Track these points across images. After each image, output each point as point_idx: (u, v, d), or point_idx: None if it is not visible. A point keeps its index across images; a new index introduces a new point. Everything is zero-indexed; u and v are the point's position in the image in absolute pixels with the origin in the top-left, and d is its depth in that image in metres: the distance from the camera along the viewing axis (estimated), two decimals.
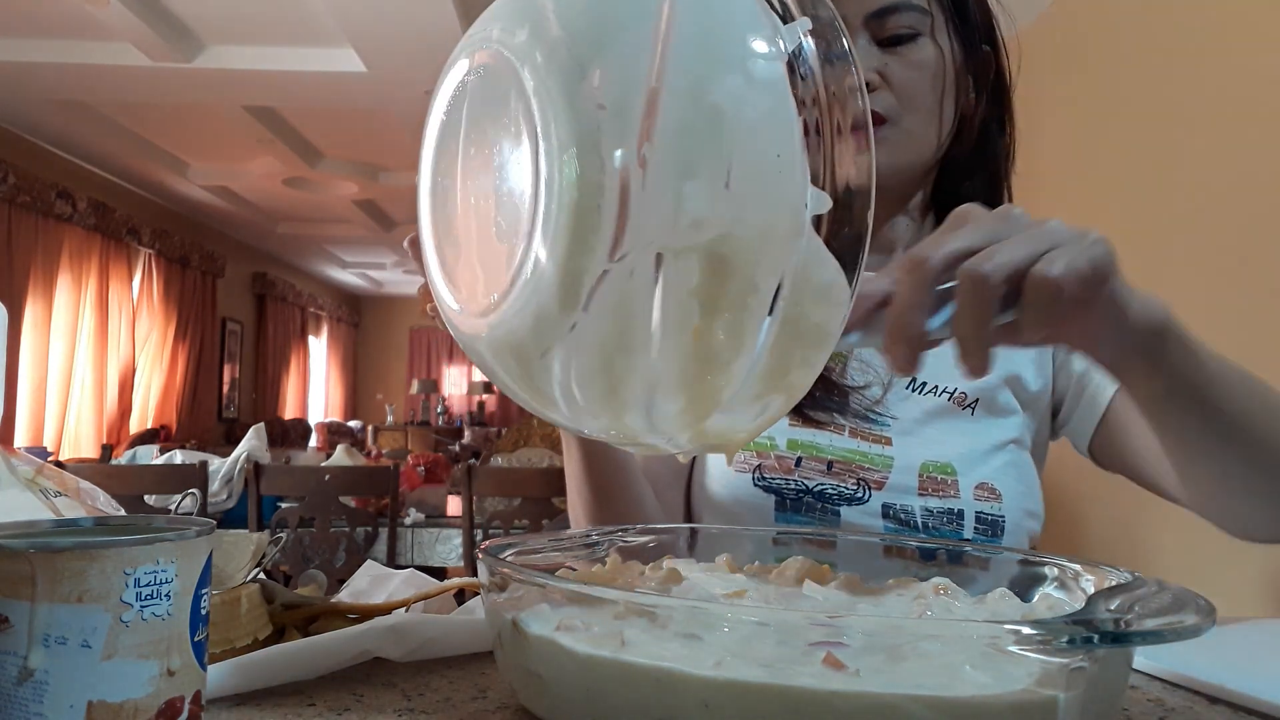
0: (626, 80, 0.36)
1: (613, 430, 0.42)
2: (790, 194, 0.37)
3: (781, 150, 0.37)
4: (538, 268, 0.36)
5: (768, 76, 0.37)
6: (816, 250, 0.39)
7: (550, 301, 0.37)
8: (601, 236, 0.35)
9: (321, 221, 7.10)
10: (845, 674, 0.36)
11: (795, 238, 0.37)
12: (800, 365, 0.40)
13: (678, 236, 0.36)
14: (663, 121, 0.35)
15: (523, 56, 0.37)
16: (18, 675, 0.34)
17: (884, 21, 0.76)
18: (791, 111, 0.37)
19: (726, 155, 0.36)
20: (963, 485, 0.77)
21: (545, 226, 0.36)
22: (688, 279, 0.37)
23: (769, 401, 0.42)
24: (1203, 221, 2.18)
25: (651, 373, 0.38)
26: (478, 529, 2.74)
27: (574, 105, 0.35)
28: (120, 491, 2.63)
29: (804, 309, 0.39)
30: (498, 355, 0.41)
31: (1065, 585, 0.50)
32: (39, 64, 3.88)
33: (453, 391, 10.73)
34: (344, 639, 0.51)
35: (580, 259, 0.36)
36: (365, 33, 3.48)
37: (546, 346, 0.38)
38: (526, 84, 0.37)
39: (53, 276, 5.15)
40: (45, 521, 0.41)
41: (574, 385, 0.39)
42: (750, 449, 0.81)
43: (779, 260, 0.37)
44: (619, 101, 0.35)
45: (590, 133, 0.35)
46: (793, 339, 0.39)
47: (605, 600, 0.42)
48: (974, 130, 0.82)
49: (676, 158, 0.35)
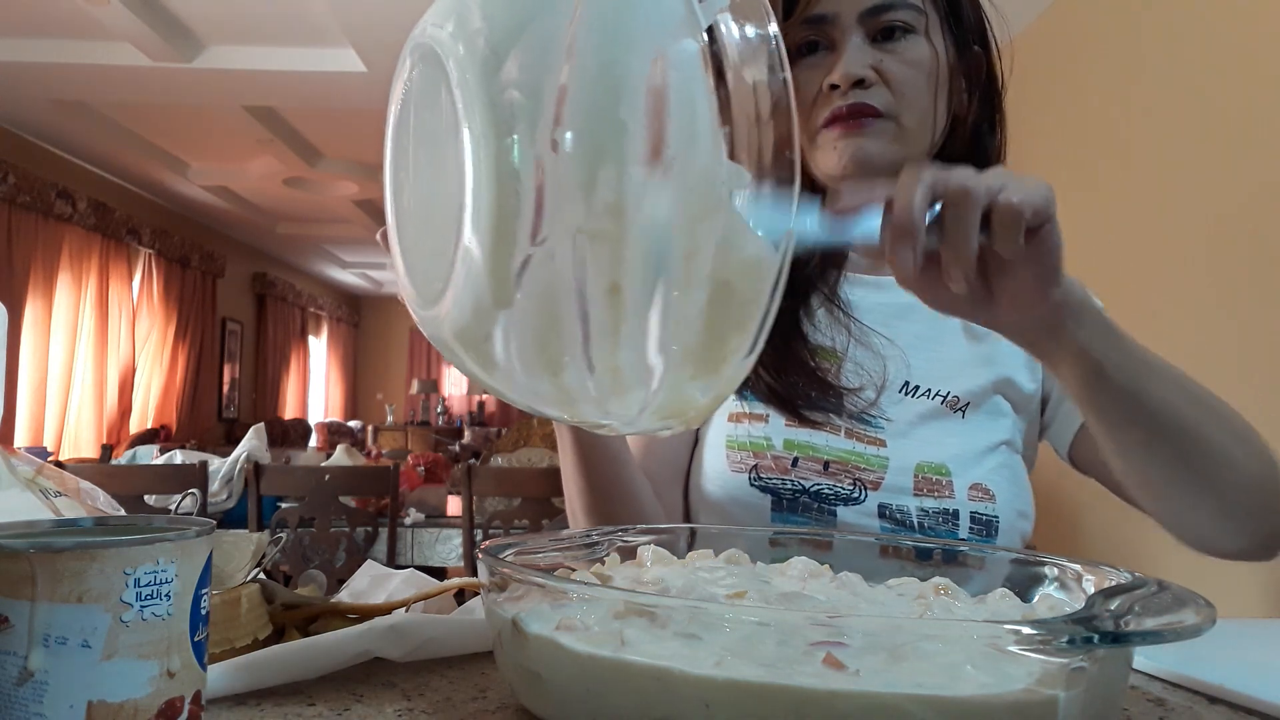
0: (540, 66, 0.36)
1: (568, 411, 0.43)
2: (705, 170, 0.37)
3: (693, 127, 0.37)
4: (469, 256, 0.37)
5: (678, 56, 0.37)
6: (737, 225, 0.39)
7: (483, 288, 0.38)
8: (522, 222, 0.36)
9: (321, 221, 7.10)
10: (845, 674, 0.35)
11: (714, 211, 0.38)
12: (736, 333, 0.41)
13: (594, 218, 0.36)
14: (573, 105, 0.36)
15: (447, 49, 0.38)
16: (18, 675, 0.34)
17: (878, 18, 0.76)
18: (702, 89, 0.37)
19: (636, 135, 0.36)
20: (957, 486, 0.78)
21: (472, 213, 0.37)
22: (608, 259, 0.37)
23: (710, 379, 0.42)
24: (1197, 225, 2.18)
25: (587, 352, 0.39)
26: (478, 529, 2.74)
27: (490, 93, 0.36)
28: (120, 491, 2.62)
29: (732, 281, 0.39)
30: (455, 341, 0.42)
31: (1065, 585, 0.51)
32: (39, 64, 3.88)
33: (453, 391, 10.72)
34: (344, 639, 0.51)
35: (504, 246, 0.36)
36: (365, 33, 3.48)
37: (486, 331, 0.39)
38: (451, 76, 0.37)
39: (53, 276, 5.15)
40: (45, 521, 0.41)
41: (516, 367, 0.40)
42: (747, 448, 0.81)
43: (698, 237, 0.37)
44: (533, 88, 0.36)
45: (505, 121, 0.36)
46: (723, 310, 0.39)
47: (605, 600, 0.42)
48: (966, 131, 0.82)
49: (588, 141, 0.36)
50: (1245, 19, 2.06)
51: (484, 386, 0.44)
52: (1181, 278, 2.24)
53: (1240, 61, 2.06)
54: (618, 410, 0.42)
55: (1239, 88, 2.07)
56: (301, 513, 2.80)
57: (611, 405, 0.42)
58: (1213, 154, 2.15)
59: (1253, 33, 2.03)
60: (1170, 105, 2.31)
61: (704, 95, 0.37)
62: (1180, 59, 2.29)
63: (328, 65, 3.86)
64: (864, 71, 0.75)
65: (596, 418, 0.43)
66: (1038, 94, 2.88)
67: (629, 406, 0.41)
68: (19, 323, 4.79)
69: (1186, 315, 2.21)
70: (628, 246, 0.37)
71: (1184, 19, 2.28)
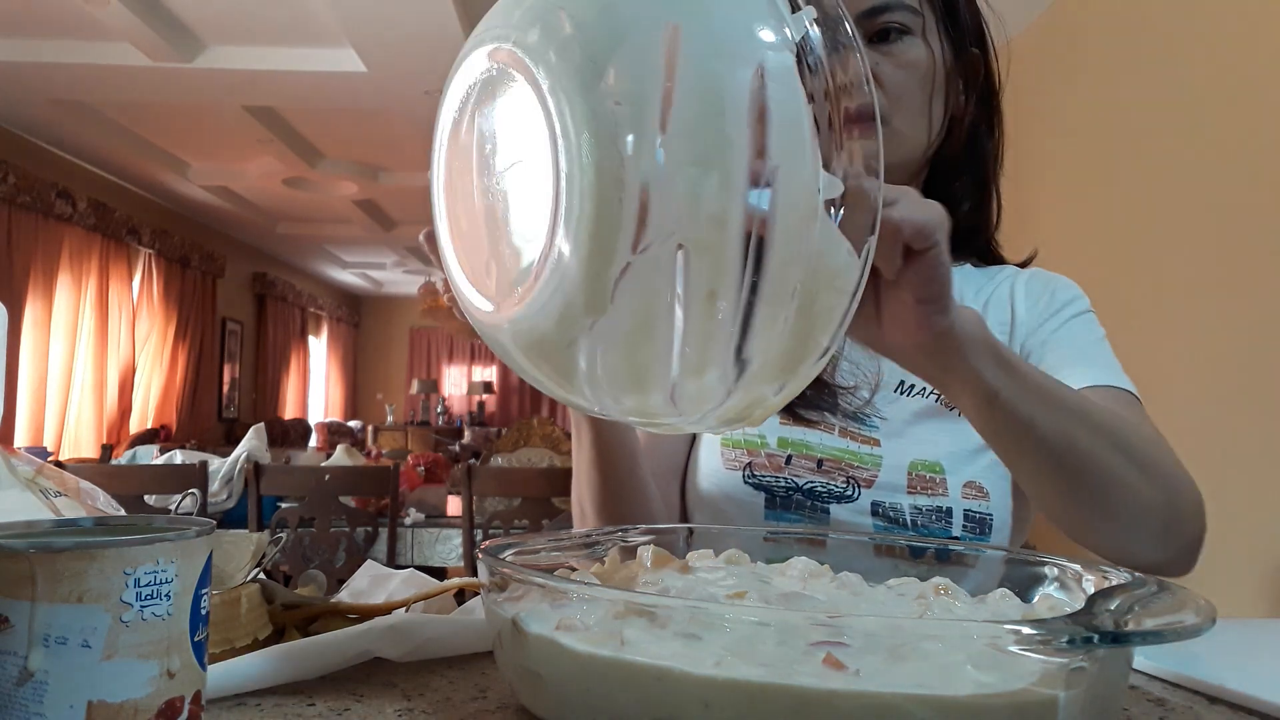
0: (641, 76, 0.36)
1: (636, 414, 0.44)
2: (804, 180, 0.38)
3: (794, 138, 0.37)
4: (561, 262, 0.37)
5: (777, 67, 0.37)
6: (830, 234, 0.40)
7: (575, 295, 0.38)
8: (624, 230, 0.36)
9: (321, 221, 7.10)
10: (845, 674, 0.35)
11: (810, 221, 0.38)
12: (817, 337, 0.42)
13: (698, 227, 0.37)
14: (678, 115, 0.36)
15: (536, 55, 0.38)
16: (18, 675, 0.34)
17: (874, 20, 0.76)
18: (801, 100, 0.38)
19: (739, 147, 0.36)
20: (951, 484, 0.78)
21: (567, 221, 0.37)
22: (709, 267, 0.37)
23: (785, 381, 0.43)
24: (1194, 227, 2.18)
25: (675, 357, 0.39)
26: (478, 529, 2.74)
27: (591, 102, 0.36)
28: (120, 491, 2.62)
29: (818, 291, 0.40)
30: (522, 347, 0.42)
31: (1066, 585, 0.51)
32: (39, 64, 3.88)
33: (453, 391, 10.72)
34: (344, 639, 0.51)
35: (603, 252, 0.37)
36: (365, 33, 3.48)
37: (571, 338, 0.39)
38: (542, 82, 0.37)
39: (53, 276, 5.15)
40: (45, 521, 0.41)
41: (600, 374, 0.40)
42: (741, 446, 0.81)
43: (796, 246, 0.38)
44: (635, 97, 0.36)
45: (608, 128, 0.36)
46: (808, 320, 0.40)
47: (605, 600, 0.42)
48: (963, 132, 0.82)
49: (693, 150, 0.36)
50: (1244, 20, 2.06)
51: (546, 390, 0.44)
52: (1180, 278, 2.24)
53: (1239, 62, 2.06)
54: (691, 411, 0.43)
55: (1237, 89, 2.07)
56: (301, 513, 2.80)
57: (688, 408, 0.42)
58: (1212, 155, 2.15)
59: (1251, 33, 2.03)
60: (1169, 106, 2.31)
61: (803, 107, 0.38)
62: (1178, 60, 2.29)
63: (328, 65, 3.86)
64: None
65: (669, 419, 0.44)
66: (1035, 96, 2.88)
67: (705, 408, 0.42)
68: (19, 323, 4.79)
69: (1185, 316, 2.21)
70: (729, 255, 0.37)
71: (1182, 20, 2.28)
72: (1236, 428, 2.02)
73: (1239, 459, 1.99)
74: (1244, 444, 1.99)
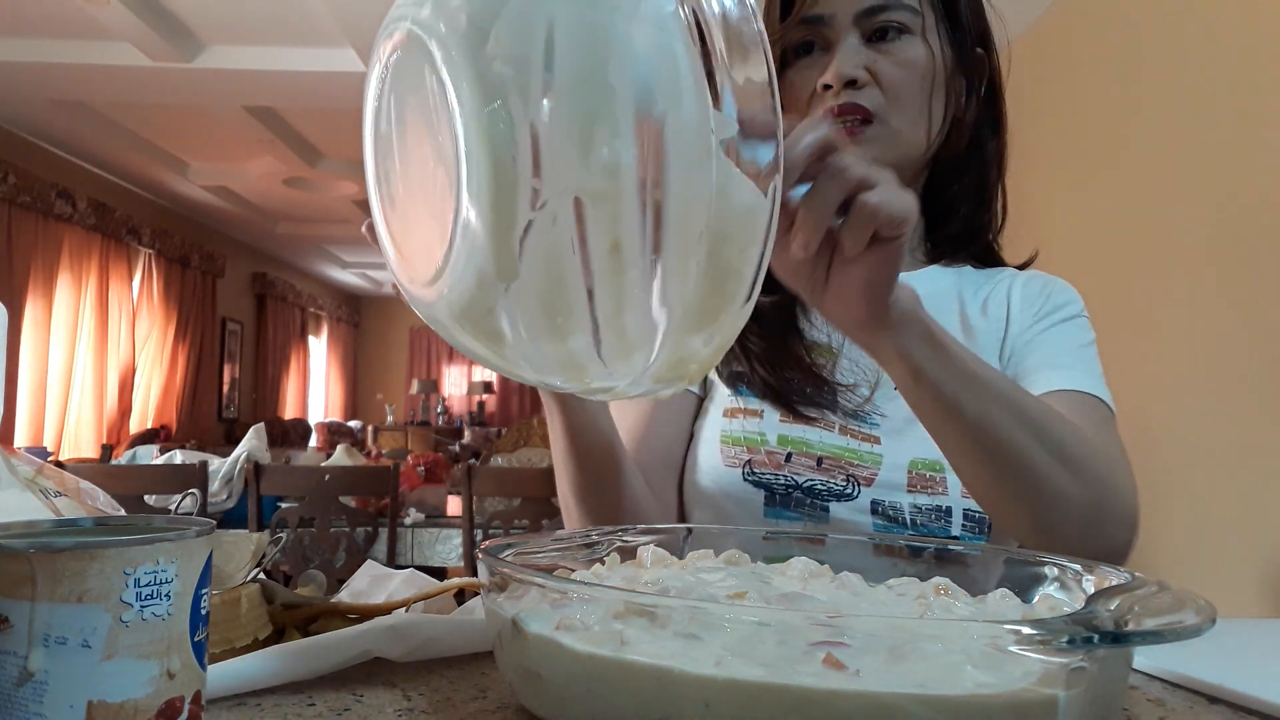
0: (523, 37, 0.37)
1: (574, 378, 0.44)
2: (693, 120, 0.38)
3: (678, 80, 0.38)
4: (469, 229, 0.38)
5: (656, 14, 0.38)
6: (729, 174, 0.39)
7: (486, 259, 0.38)
8: (521, 188, 0.37)
9: (321, 221, 7.10)
10: (846, 674, 0.35)
11: (706, 161, 0.38)
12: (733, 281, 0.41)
13: (591, 178, 0.37)
14: (560, 69, 0.37)
15: (429, 29, 0.38)
16: (18, 675, 0.34)
17: (873, 19, 0.76)
18: (683, 41, 0.38)
19: (625, 95, 0.37)
20: (951, 483, 0.78)
21: (470, 187, 0.37)
22: (608, 217, 0.38)
23: (712, 331, 0.43)
24: (1194, 227, 2.18)
25: (592, 312, 0.40)
26: (478, 529, 2.74)
27: (478, 66, 0.37)
28: (120, 491, 2.62)
29: (728, 233, 0.40)
30: (455, 320, 0.42)
31: (1065, 585, 0.51)
32: (39, 64, 3.88)
33: (453, 391, 10.73)
34: (344, 639, 0.51)
35: (505, 213, 0.37)
36: (365, 33, 3.48)
37: (490, 305, 0.40)
38: (435, 55, 0.38)
39: (53, 276, 5.15)
40: (45, 521, 0.41)
41: (525, 337, 0.41)
42: (741, 443, 0.81)
43: (694, 188, 0.38)
44: (519, 58, 0.37)
45: (496, 91, 0.37)
46: (720, 264, 0.40)
47: (605, 600, 0.42)
48: (965, 133, 0.82)
49: (578, 103, 0.37)
50: (1244, 21, 2.06)
51: (486, 363, 0.45)
52: (1179, 279, 2.24)
53: (1239, 63, 2.06)
54: (623, 371, 0.43)
55: (1238, 90, 2.07)
56: (301, 513, 2.80)
57: (618, 366, 0.42)
58: (1212, 156, 2.15)
59: (1251, 35, 2.03)
60: (1169, 108, 2.31)
61: (685, 50, 0.38)
62: (1179, 61, 2.29)
63: (328, 65, 3.86)
64: (856, 72, 0.76)
65: (603, 381, 0.44)
66: (1036, 96, 2.89)
67: (635, 365, 0.42)
68: (19, 323, 4.79)
69: (1184, 316, 2.21)
70: (625, 204, 0.37)
71: (1182, 22, 2.28)
72: (1236, 428, 2.02)
73: (1239, 459, 1.99)
74: (1244, 444, 1.99)
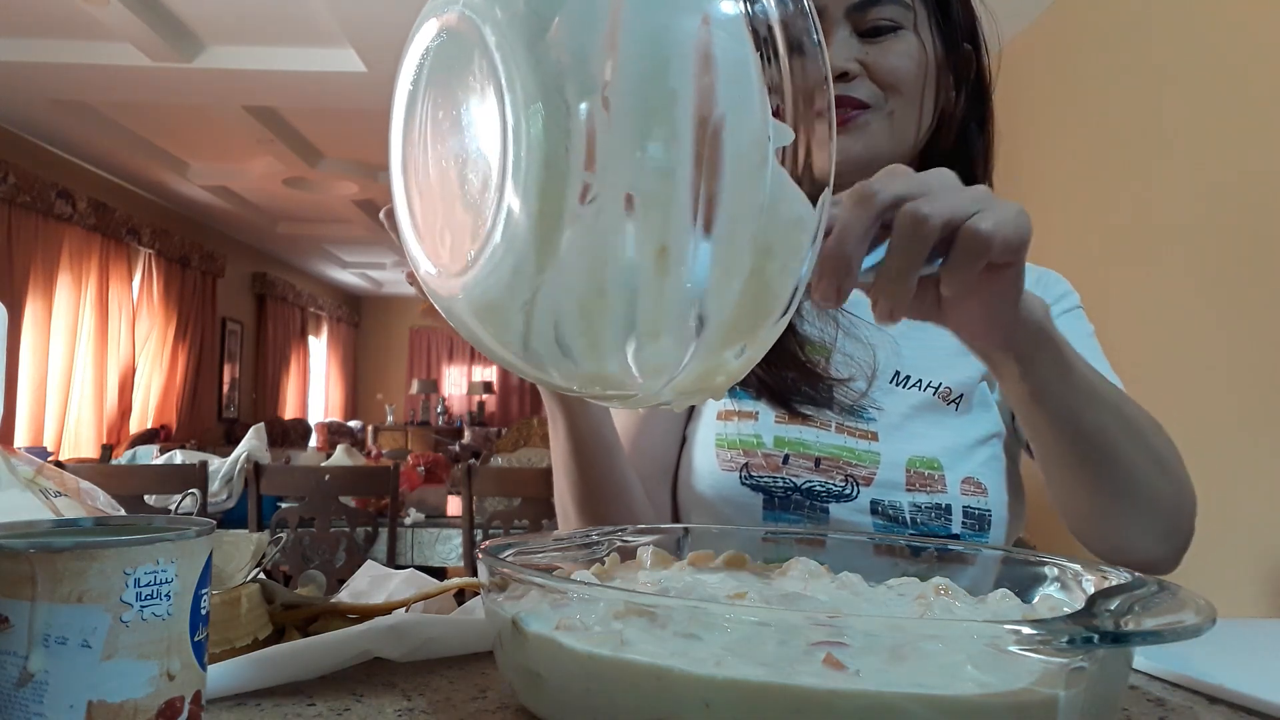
0: (586, 29, 0.36)
1: (597, 383, 0.42)
2: (752, 128, 0.37)
3: (740, 86, 0.37)
4: (511, 218, 0.37)
5: (722, 14, 0.37)
6: (783, 184, 0.39)
7: (526, 250, 0.37)
8: (571, 181, 0.36)
9: (321, 221, 7.10)
10: (845, 674, 0.35)
11: (761, 170, 0.38)
12: (774, 295, 0.40)
13: (645, 180, 0.36)
14: (622, 65, 0.36)
15: (484, 14, 0.38)
16: (18, 676, 0.34)
17: (865, 14, 0.76)
18: (748, 47, 0.37)
19: (686, 97, 0.36)
20: (949, 480, 0.78)
21: (516, 176, 0.36)
22: (658, 221, 0.37)
23: (745, 344, 0.42)
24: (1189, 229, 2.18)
25: (629, 315, 0.38)
26: (478, 529, 2.74)
27: (536, 56, 0.36)
28: (120, 491, 2.62)
29: (774, 246, 0.39)
30: (478, 313, 0.41)
31: (1066, 585, 0.50)
32: (39, 64, 3.88)
33: (453, 391, 10.72)
34: (344, 639, 0.51)
35: (552, 204, 0.36)
36: (365, 33, 3.48)
37: (525, 298, 0.39)
38: (489, 40, 0.37)
39: (53, 276, 5.15)
40: (45, 521, 0.41)
41: (555, 336, 0.40)
42: (737, 446, 0.81)
43: (747, 197, 0.37)
44: (580, 50, 0.36)
45: (554, 81, 0.36)
46: (763, 277, 0.39)
47: (605, 600, 0.42)
48: (953, 128, 0.82)
49: (637, 100, 0.36)
50: (1241, 23, 2.06)
51: (502, 360, 0.43)
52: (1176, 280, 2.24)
53: (1235, 64, 2.06)
54: (649, 377, 0.41)
55: (1233, 92, 2.07)
56: (301, 513, 2.80)
57: (644, 371, 0.41)
58: (1208, 157, 2.15)
59: (1248, 37, 2.03)
60: (1164, 109, 2.31)
61: (750, 56, 0.37)
62: (1175, 63, 2.29)
63: (328, 65, 3.86)
64: (848, 64, 0.75)
65: (621, 389, 0.43)
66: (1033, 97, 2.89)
67: (662, 373, 0.41)
68: (19, 323, 4.79)
69: (1181, 317, 2.21)
70: (677, 209, 0.36)
71: (1179, 24, 2.28)
72: (1236, 427, 2.02)
73: (1239, 459, 1.99)
74: (1244, 444, 1.99)
